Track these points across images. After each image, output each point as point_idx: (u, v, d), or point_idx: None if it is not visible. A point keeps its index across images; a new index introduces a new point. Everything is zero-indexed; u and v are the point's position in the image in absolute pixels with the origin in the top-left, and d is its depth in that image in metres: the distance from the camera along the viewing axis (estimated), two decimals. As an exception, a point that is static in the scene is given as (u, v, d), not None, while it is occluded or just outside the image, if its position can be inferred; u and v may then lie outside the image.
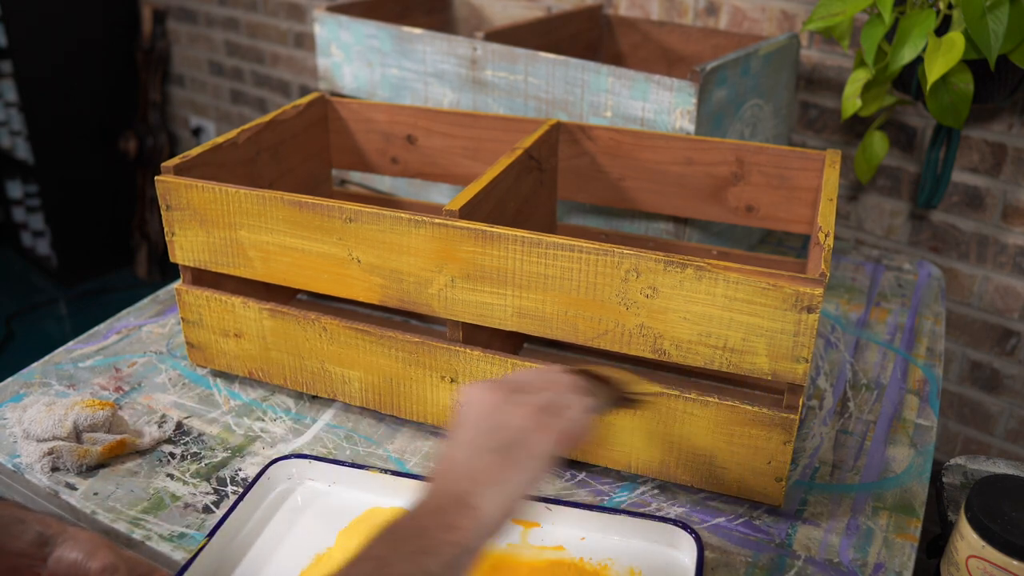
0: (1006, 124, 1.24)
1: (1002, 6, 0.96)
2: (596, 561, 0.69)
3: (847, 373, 0.95)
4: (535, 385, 0.60)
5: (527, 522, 0.72)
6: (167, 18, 2.44)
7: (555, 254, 0.70)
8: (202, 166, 0.85)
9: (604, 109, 1.03)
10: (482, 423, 0.57)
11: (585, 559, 0.69)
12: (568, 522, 0.71)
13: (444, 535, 0.51)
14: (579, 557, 0.69)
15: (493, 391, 0.58)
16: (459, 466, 0.55)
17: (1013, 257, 1.30)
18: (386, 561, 0.49)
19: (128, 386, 0.90)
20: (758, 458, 0.71)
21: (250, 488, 0.73)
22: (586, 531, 0.71)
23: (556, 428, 0.57)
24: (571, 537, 0.71)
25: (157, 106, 2.56)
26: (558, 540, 0.71)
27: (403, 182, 1.26)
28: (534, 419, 0.56)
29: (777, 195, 0.93)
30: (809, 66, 1.37)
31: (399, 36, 1.17)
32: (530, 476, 0.55)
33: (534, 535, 0.71)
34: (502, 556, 0.69)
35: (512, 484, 0.54)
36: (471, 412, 0.58)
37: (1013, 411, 1.38)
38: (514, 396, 0.58)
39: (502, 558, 0.69)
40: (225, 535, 0.68)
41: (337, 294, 0.81)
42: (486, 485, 0.53)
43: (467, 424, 0.57)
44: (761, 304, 0.65)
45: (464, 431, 0.57)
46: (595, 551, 0.70)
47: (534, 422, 0.56)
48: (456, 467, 0.55)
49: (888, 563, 0.70)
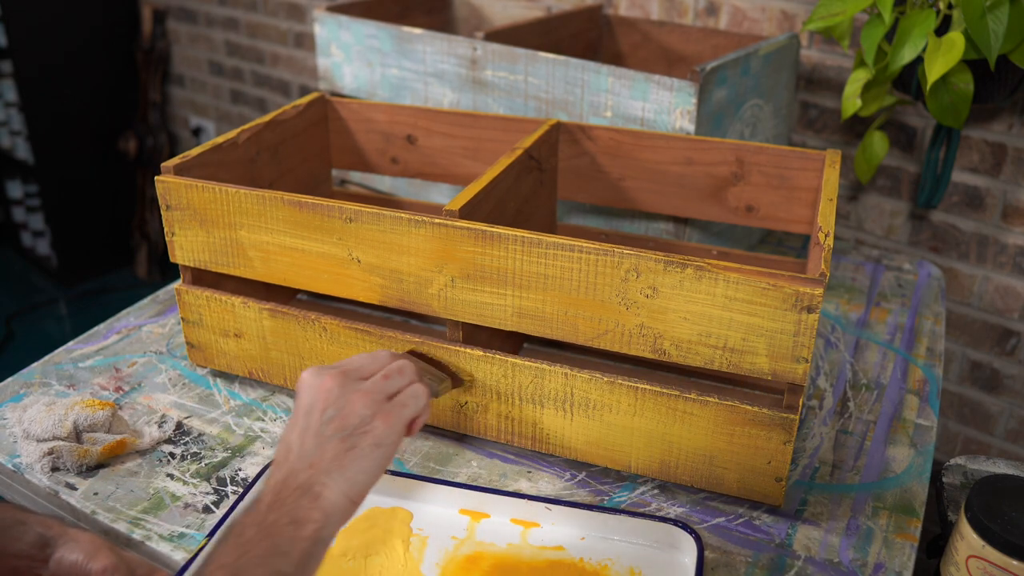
0: (1006, 124, 1.24)
1: (1002, 6, 0.96)
2: (596, 561, 0.69)
3: (847, 373, 0.95)
4: (369, 369, 0.60)
5: (527, 522, 0.72)
6: (167, 18, 2.44)
7: (555, 254, 0.70)
8: (202, 166, 0.85)
9: (604, 109, 1.04)
10: (320, 410, 0.56)
11: (585, 559, 0.69)
12: (568, 522, 0.71)
13: (293, 531, 0.50)
14: (579, 557, 0.69)
15: (330, 377, 0.58)
16: (300, 454, 0.55)
17: (1013, 257, 1.30)
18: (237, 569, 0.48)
19: (128, 386, 0.90)
20: (758, 458, 0.71)
21: (250, 488, 0.73)
22: (586, 531, 0.71)
23: (396, 414, 0.57)
24: (571, 537, 0.71)
25: (157, 106, 2.56)
26: (558, 540, 0.71)
27: (403, 182, 1.26)
28: (374, 405, 0.57)
29: (777, 195, 0.93)
30: (809, 66, 1.37)
31: (399, 36, 1.17)
32: (374, 463, 0.55)
33: (534, 535, 0.71)
34: (502, 556, 0.69)
35: (355, 471, 0.54)
36: (308, 398, 0.57)
37: (1013, 411, 1.38)
38: (351, 383, 0.58)
39: (502, 558, 0.69)
40: None
41: (337, 294, 0.81)
42: (329, 473, 0.53)
43: (305, 411, 0.57)
44: (761, 304, 0.65)
45: (303, 418, 0.57)
46: (595, 551, 0.70)
47: (373, 408, 0.57)
48: (297, 455, 0.55)
49: (888, 563, 0.70)
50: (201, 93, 2.47)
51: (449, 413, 0.81)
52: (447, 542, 0.70)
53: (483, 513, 0.73)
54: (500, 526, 0.72)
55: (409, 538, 0.71)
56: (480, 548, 0.70)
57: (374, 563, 0.68)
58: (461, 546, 0.70)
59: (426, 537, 0.71)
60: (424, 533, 0.71)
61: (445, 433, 0.84)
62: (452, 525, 0.72)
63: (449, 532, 0.71)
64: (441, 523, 0.72)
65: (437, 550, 0.70)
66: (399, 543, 0.70)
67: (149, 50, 2.46)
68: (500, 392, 0.78)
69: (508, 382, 0.77)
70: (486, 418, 0.80)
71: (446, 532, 0.71)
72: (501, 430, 0.80)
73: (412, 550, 0.69)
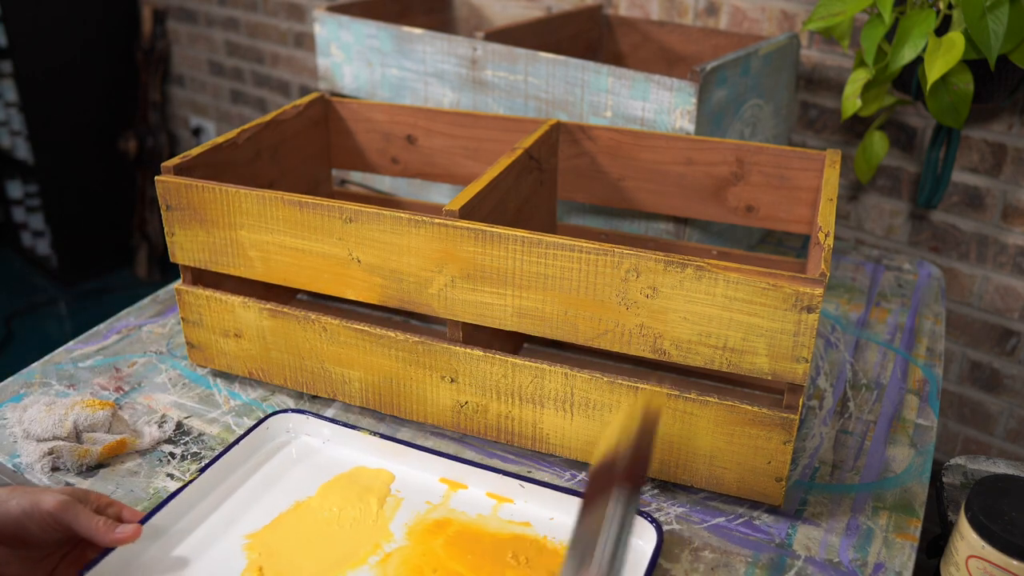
0: (1006, 124, 1.24)
1: (1002, 6, 0.96)
2: (558, 541, 0.70)
3: (847, 373, 0.95)
4: None
5: (501, 497, 0.74)
6: (167, 18, 2.44)
7: (555, 254, 0.70)
8: (202, 166, 0.85)
9: (604, 109, 1.04)
10: None
11: (549, 537, 0.71)
12: (540, 501, 0.73)
13: None
14: (543, 535, 0.71)
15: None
16: None
17: (1013, 257, 1.30)
18: None
19: (128, 386, 0.90)
20: (758, 458, 0.71)
21: (247, 434, 0.77)
22: (556, 512, 0.73)
23: None
24: (540, 516, 0.73)
25: (157, 106, 2.56)
26: (527, 517, 0.73)
27: (403, 182, 1.26)
28: None
29: (777, 195, 0.93)
30: (809, 66, 1.37)
31: (399, 36, 1.17)
32: None
33: (505, 509, 0.73)
34: (469, 524, 0.72)
35: None
36: None
37: (1013, 411, 1.38)
38: None
39: (468, 526, 0.71)
40: (216, 473, 0.74)
41: (337, 294, 0.81)
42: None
43: None
44: (761, 304, 0.65)
45: None
46: (560, 531, 0.71)
47: None
48: None
49: (888, 563, 0.70)
50: (201, 93, 2.47)
51: (449, 413, 0.81)
52: (421, 506, 0.73)
53: (461, 484, 0.75)
54: (475, 497, 0.74)
55: (386, 498, 0.74)
56: (450, 515, 0.72)
57: (346, 516, 0.72)
58: (433, 511, 0.73)
59: (402, 499, 0.74)
60: (401, 495, 0.75)
61: (445, 433, 0.84)
62: (429, 491, 0.75)
63: (425, 497, 0.74)
64: (419, 488, 0.75)
65: (409, 511, 0.73)
66: (374, 500, 0.73)
67: (149, 50, 2.46)
68: (500, 392, 0.78)
69: (508, 382, 0.77)
70: (486, 418, 0.80)
71: (422, 497, 0.74)
72: (501, 430, 0.80)
73: (385, 508, 0.73)
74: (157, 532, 0.67)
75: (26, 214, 2.70)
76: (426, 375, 0.80)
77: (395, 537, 0.70)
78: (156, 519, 0.67)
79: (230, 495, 0.73)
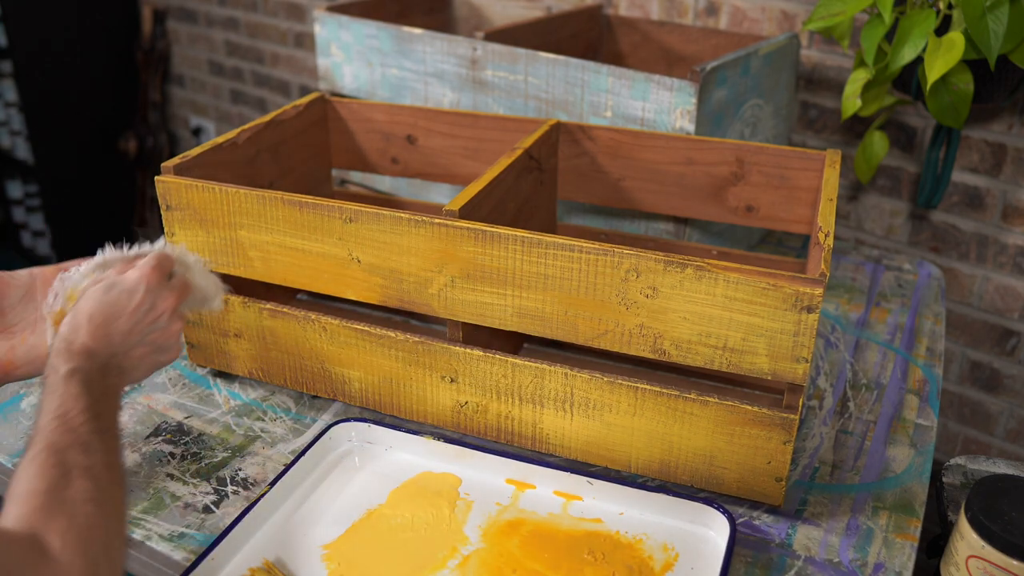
0: (1006, 124, 1.24)
1: (1002, 6, 0.96)
2: (632, 535, 0.71)
3: (847, 373, 0.95)
4: None
5: (570, 495, 0.75)
6: (167, 18, 2.44)
7: (555, 254, 0.70)
8: (202, 166, 0.85)
9: (604, 109, 1.04)
10: None
11: (621, 532, 0.71)
12: (609, 497, 0.74)
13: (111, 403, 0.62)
14: (616, 530, 0.72)
15: None
16: None
17: (1013, 257, 1.30)
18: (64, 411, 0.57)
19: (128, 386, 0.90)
20: (758, 458, 0.71)
21: (312, 445, 0.77)
22: (624, 507, 0.74)
23: None
24: (610, 511, 0.74)
25: (157, 106, 2.56)
26: (597, 513, 0.73)
27: (403, 182, 1.26)
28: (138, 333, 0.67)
29: (777, 195, 0.93)
30: (809, 66, 1.37)
31: (399, 36, 1.17)
32: None
33: (575, 507, 0.74)
34: (542, 523, 0.72)
35: None
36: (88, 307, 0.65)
37: (1013, 411, 1.38)
38: None
39: (541, 525, 0.72)
40: (285, 487, 0.73)
41: (337, 294, 0.81)
42: None
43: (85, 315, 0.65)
44: (761, 304, 0.65)
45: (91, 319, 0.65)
46: (631, 525, 0.72)
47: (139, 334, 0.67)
48: None
49: (888, 563, 0.70)
50: (201, 93, 2.47)
51: (449, 413, 0.81)
52: (491, 507, 0.74)
53: (528, 484, 0.76)
54: (543, 497, 0.75)
55: (456, 501, 0.74)
56: (522, 515, 0.73)
57: (420, 521, 0.72)
58: (504, 512, 0.73)
59: (472, 502, 0.74)
60: (470, 498, 0.75)
61: (445, 433, 0.84)
62: (498, 492, 0.75)
63: (494, 499, 0.75)
64: (487, 490, 0.76)
65: (481, 514, 0.73)
66: (445, 505, 0.74)
67: (149, 50, 2.46)
68: (500, 392, 0.78)
69: (508, 382, 0.77)
70: (486, 418, 0.80)
71: (491, 498, 0.75)
72: (501, 430, 0.80)
73: (457, 512, 0.73)
74: (234, 547, 0.67)
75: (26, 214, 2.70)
76: (426, 375, 0.80)
77: (471, 540, 0.70)
78: (233, 533, 0.67)
79: (300, 506, 0.74)
